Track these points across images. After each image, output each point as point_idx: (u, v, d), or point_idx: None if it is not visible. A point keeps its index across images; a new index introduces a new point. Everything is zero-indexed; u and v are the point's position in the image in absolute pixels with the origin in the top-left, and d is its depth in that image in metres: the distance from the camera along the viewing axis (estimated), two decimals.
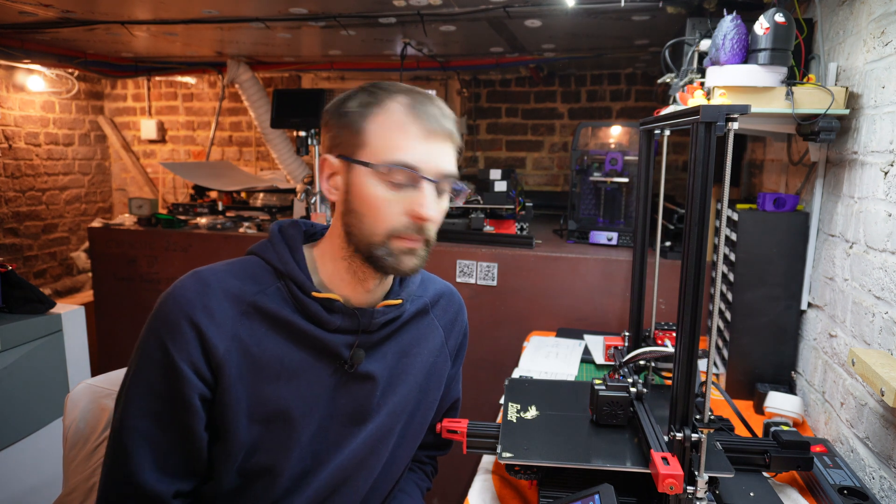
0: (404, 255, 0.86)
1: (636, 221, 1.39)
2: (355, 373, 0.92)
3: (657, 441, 0.99)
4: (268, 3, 2.24)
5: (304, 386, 0.89)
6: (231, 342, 0.84)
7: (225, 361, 0.83)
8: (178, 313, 0.82)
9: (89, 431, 1.07)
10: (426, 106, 0.85)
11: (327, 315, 0.88)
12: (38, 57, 3.28)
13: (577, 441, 1.08)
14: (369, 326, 0.92)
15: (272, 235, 0.93)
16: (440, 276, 1.13)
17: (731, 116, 0.84)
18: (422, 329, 1.03)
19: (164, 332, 0.82)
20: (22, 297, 1.90)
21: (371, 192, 0.84)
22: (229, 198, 3.25)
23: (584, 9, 2.12)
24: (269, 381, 0.86)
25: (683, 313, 0.90)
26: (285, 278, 0.89)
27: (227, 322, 0.84)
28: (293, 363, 0.88)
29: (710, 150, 0.87)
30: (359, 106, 0.85)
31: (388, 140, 0.83)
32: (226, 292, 0.85)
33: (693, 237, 0.89)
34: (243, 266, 0.90)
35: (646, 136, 1.36)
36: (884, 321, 1.10)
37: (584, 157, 2.55)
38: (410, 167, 0.82)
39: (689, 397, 0.90)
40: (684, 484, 0.88)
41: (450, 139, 0.86)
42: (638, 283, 1.38)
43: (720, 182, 0.90)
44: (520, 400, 1.24)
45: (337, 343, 0.90)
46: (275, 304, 0.87)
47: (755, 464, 1.10)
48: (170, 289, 0.85)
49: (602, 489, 0.89)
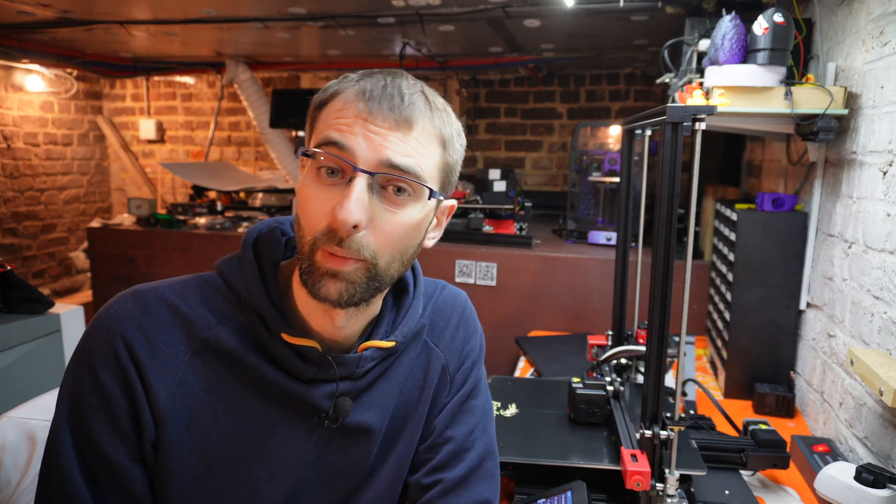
0: (325, 276, 0.64)
1: (619, 222, 1.39)
2: (342, 427, 0.73)
3: (629, 438, 1.00)
4: (267, 3, 2.24)
5: (274, 447, 0.70)
6: (177, 389, 0.66)
7: (167, 413, 0.66)
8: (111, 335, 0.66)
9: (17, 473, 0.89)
10: (383, 87, 0.65)
11: (300, 363, 0.69)
12: (37, 57, 3.28)
13: (554, 439, 1.09)
14: (352, 376, 0.72)
15: (242, 250, 0.73)
16: (440, 277, 0.92)
17: (698, 117, 0.84)
18: (416, 356, 0.80)
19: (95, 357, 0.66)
20: (21, 297, 1.89)
21: (303, 189, 0.65)
22: (228, 198, 3.25)
23: (584, 9, 2.12)
24: (223, 442, 0.69)
25: (653, 312, 0.90)
26: (250, 311, 0.69)
27: (172, 361, 0.67)
28: (255, 416, 0.69)
29: (676, 149, 0.87)
30: (318, 95, 0.69)
31: (328, 122, 0.65)
32: (174, 323, 0.67)
33: (662, 236, 0.90)
34: (200, 289, 0.71)
35: (627, 137, 1.36)
36: (882, 321, 1.10)
37: (582, 157, 2.56)
38: (339, 145, 0.62)
39: (659, 395, 0.91)
40: (653, 481, 0.89)
41: (408, 128, 0.64)
42: (620, 283, 1.38)
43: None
44: (501, 398, 1.25)
45: (314, 395, 0.70)
46: (233, 344, 0.68)
47: (732, 462, 1.11)
48: (103, 308, 0.68)
49: (575, 486, 0.90)
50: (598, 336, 1.47)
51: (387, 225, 0.64)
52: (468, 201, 2.53)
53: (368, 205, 0.62)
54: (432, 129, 0.67)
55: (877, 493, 0.97)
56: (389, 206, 0.64)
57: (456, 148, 0.71)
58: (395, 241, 0.66)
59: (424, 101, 0.67)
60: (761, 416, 1.47)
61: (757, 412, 1.49)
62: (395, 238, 0.65)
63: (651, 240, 0.95)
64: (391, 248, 0.66)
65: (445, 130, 0.68)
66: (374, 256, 0.64)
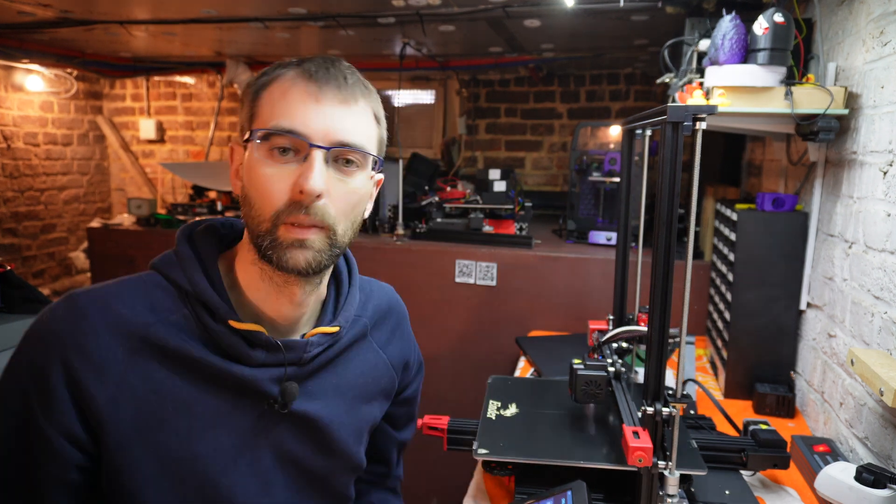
0: (291, 247, 0.69)
1: (619, 222, 1.39)
2: (291, 414, 0.76)
3: (630, 417, 1.00)
4: (267, 3, 2.24)
5: (223, 436, 0.72)
6: (118, 390, 0.66)
7: (108, 417, 0.66)
8: (44, 354, 0.65)
9: None
10: (325, 69, 0.71)
11: (248, 349, 0.71)
12: (37, 57, 3.27)
13: (554, 438, 1.09)
14: (300, 361, 0.76)
15: (178, 245, 0.75)
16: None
17: (699, 116, 0.84)
18: (362, 356, 0.86)
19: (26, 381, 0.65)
20: (21, 297, 1.89)
21: (255, 170, 0.69)
22: (228, 198, 3.25)
23: (584, 9, 2.12)
24: (174, 434, 0.69)
25: (655, 293, 0.91)
26: (193, 303, 0.71)
27: (111, 365, 0.66)
28: (206, 410, 0.71)
29: (677, 149, 0.87)
30: (256, 79, 0.73)
31: (274, 105, 0.69)
32: (109, 325, 0.67)
33: (662, 236, 0.90)
34: (137, 287, 0.71)
35: (627, 137, 1.36)
36: (883, 321, 1.10)
37: (583, 157, 2.56)
38: (291, 126, 0.68)
39: (661, 372, 0.91)
40: (655, 458, 0.89)
41: (352, 103, 0.71)
42: (621, 268, 1.38)
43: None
44: (501, 398, 1.25)
45: (261, 379, 0.72)
46: (176, 339, 0.69)
47: (732, 462, 1.11)
48: (36, 319, 0.68)
49: (574, 486, 0.90)
50: (598, 321, 1.46)
51: (341, 193, 0.71)
52: (468, 201, 2.53)
53: (327, 176, 0.69)
54: (370, 107, 0.74)
55: (877, 493, 0.96)
56: (341, 177, 0.71)
57: (384, 125, 0.79)
58: (349, 207, 0.73)
59: (361, 83, 0.74)
60: (761, 416, 1.47)
61: (757, 412, 1.48)
62: (348, 205, 0.72)
63: (651, 240, 0.95)
64: (345, 215, 0.72)
65: (378, 109, 0.76)
66: (333, 223, 0.71)
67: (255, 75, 0.75)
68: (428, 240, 2.48)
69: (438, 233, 2.49)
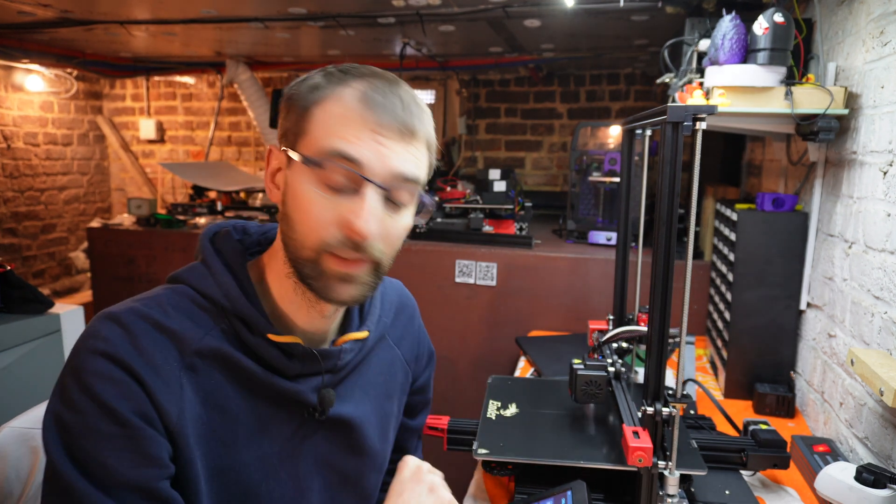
0: (338, 280, 0.67)
1: (619, 222, 1.39)
2: (328, 419, 0.77)
3: (630, 417, 1.00)
4: (267, 3, 2.24)
5: (267, 445, 0.73)
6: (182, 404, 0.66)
7: (180, 430, 0.65)
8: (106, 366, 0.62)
9: (20, 484, 0.86)
10: (384, 95, 0.67)
11: (286, 360, 0.71)
12: (37, 57, 3.28)
13: (554, 438, 1.09)
14: (334, 368, 0.76)
15: (206, 255, 0.73)
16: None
17: (699, 116, 0.84)
18: (381, 355, 0.87)
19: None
20: (21, 297, 1.89)
21: (303, 193, 0.66)
22: (228, 198, 3.25)
23: (584, 9, 2.12)
24: (222, 444, 0.69)
25: (655, 293, 0.91)
26: (230, 316, 0.70)
27: (173, 379, 0.65)
28: (250, 419, 0.71)
29: (677, 149, 0.88)
30: (308, 89, 0.68)
31: (330, 129, 0.65)
32: (162, 340, 0.66)
33: (662, 236, 0.90)
34: (175, 301, 0.69)
35: (627, 137, 1.36)
36: (883, 321, 1.10)
37: (583, 157, 2.56)
38: (350, 159, 0.64)
39: (661, 372, 0.91)
40: (654, 458, 0.89)
41: (411, 137, 0.68)
42: (621, 268, 1.38)
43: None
44: (501, 398, 1.25)
45: (301, 390, 0.73)
46: (223, 351, 0.69)
47: (732, 462, 1.11)
48: (86, 339, 0.64)
49: (574, 485, 0.90)
50: (598, 321, 1.46)
51: (391, 229, 0.69)
52: (468, 201, 2.53)
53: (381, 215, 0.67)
54: (425, 134, 0.70)
55: (877, 493, 0.97)
56: (391, 213, 0.69)
57: (434, 147, 0.74)
58: (397, 242, 0.71)
59: (416, 104, 0.70)
60: (761, 416, 1.47)
61: (757, 412, 1.49)
62: (397, 240, 0.71)
63: (651, 240, 0.95)
64: (393, 248, 0.71)
65: (431, 134, 0.72)
66: (381, 257, 0.69)
67: (303, 78, 0.70)
68: (428, 240, 2.48)
69: (438, 233, 2.49)
